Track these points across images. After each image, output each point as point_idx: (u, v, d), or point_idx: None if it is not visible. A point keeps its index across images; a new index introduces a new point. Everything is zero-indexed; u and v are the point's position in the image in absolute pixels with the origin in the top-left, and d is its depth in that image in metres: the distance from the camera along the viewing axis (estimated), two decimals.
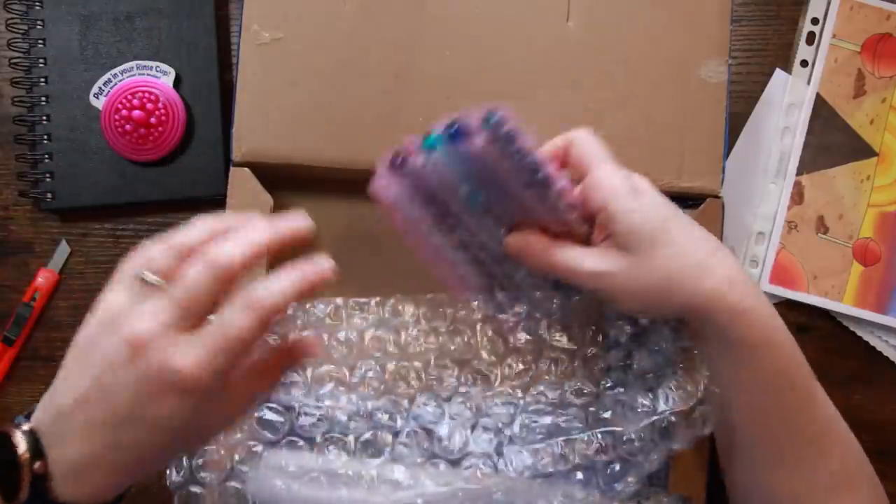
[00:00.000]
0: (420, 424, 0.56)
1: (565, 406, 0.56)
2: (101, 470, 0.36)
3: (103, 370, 0.36)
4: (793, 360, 0.43)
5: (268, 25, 0.54)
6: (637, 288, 0.41)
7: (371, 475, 0.54)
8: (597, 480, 0.55)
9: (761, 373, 0.42)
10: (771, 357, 0.42)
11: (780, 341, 0.43)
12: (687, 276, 0.41)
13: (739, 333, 0.42)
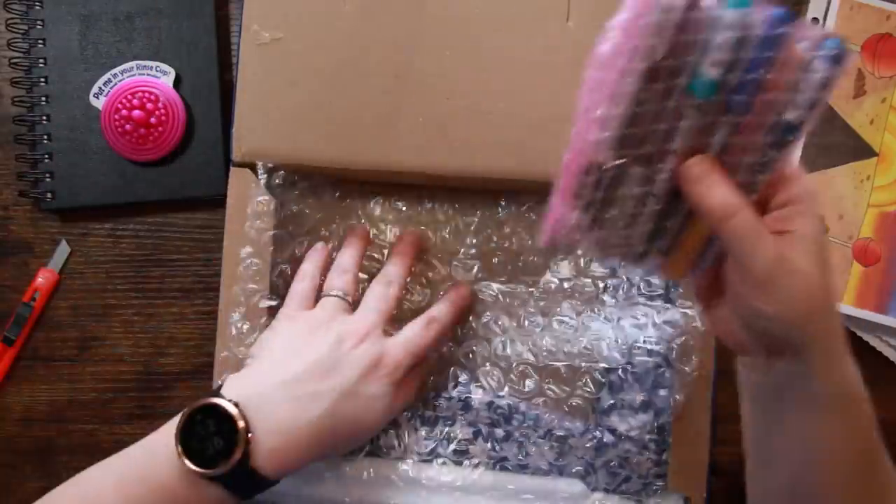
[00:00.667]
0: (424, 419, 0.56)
1: (566, 405, 0.56)
2: (302, 438, 0.44)
3: (329, 353, 0.47)
4: (874, 419, 0.41)
5: (268, 25, 0.54)
6: (793, 307, 0.37)
7: (374, 473, 0.54)
8: (597, 479, 0.55)
9: (857, 425, 0.40)
10: (865, 408, 0.40)
11: (866, 397, 0.40)
12: (832, 302, 0.39)
13: (840, 380, 0.39)
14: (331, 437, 0.46)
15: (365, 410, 0.47)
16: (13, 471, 0.60)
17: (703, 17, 0.34)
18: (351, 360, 0.47)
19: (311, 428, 0.45)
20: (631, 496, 0.55)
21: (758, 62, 0.35)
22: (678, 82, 0.35)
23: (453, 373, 0.56)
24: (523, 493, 0.54)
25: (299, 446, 0.44)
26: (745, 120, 0.36)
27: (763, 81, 0.35)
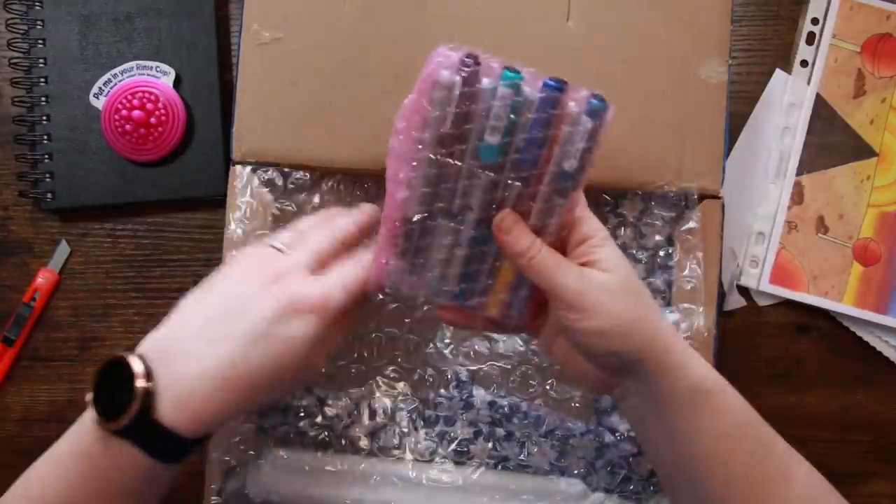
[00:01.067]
0: (424, 417, 0.56)
1: (568, 405, 0.56)
2: (213, 388, 0.41)
3: (241, 295, 0.43)
4: (743, 401, 0.43)
5: (268, 25, 0.54)
6: (609, 312, 0.41)
7: (375, 473, 0.55)
8: (597, 479, 0.55)
9: (721, 415, 0.42)
10: (727, 398, 0.43)
11: (728, 385, 0.43)
12: (654, 317, 0.43)
13: (696, 376, 0.42)
14: (247, 382, 0.41)
15: (283, 352, 0.42)
16: (13, 471, 0.59)
17: (479, 91, 0.40)
18: (265, 298, 0.42)
19: (220, 374, 0.41)
20: (631, 496, 0.55)
21: (536, 123, 0.40)
22: (466, 147, 0.41)
23: (454, 372, 0.56)
24: (524, 493, 0.54)
25: (210, 394, 0.41)
26: (531, 174, 0.41)
27: (542, 139, 0.41)
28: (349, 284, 0.44)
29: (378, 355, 0.56)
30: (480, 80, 0.40)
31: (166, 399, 0.40)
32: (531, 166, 0.41)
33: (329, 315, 0.43)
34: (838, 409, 0.59)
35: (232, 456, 0.54)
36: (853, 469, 0.59)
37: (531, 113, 0.40)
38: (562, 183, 0.42)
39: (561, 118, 0.41)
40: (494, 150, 0.41)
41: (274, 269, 0.44)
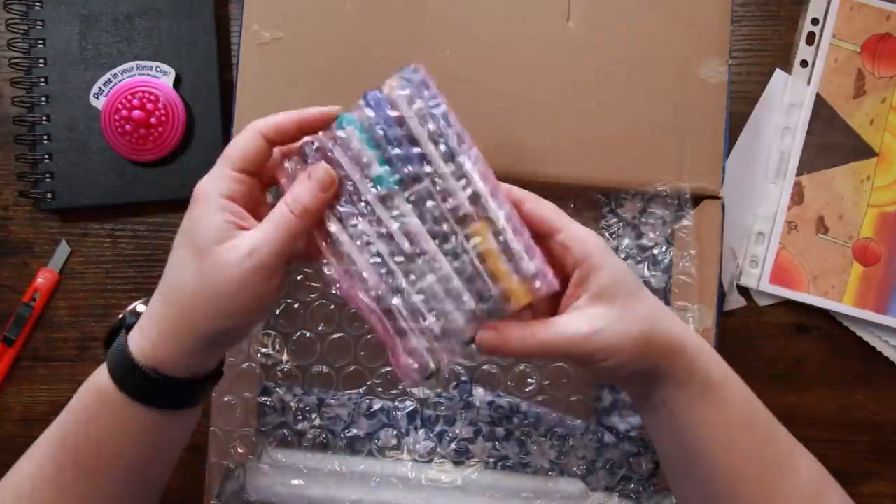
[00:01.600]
0: (423, 419, 0.56)
1: (567, 404, 0.56)
2: (159, 310, 0.41)
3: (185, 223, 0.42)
4: (749, 392, 0.44)
5: (268, 25, 0.54)
6: (624, 340, 0.41)
7: (374, 474, 0.54)
8: (597, 479, 0.55)
9: (727, 408, 0.43)
10: (733, 390, 0.43)
11: (735, 376, 0.44)
12: (663, 317, 0.43)
13: (706, 370, 0.43)
14: (179, 298, 0.41)
15: (201, 255, 0.40)
16: None
17: (336, 140, 0.42)
18: (192, 220, 0.41)
19: (161, 296, 0.41)
20: (631, 495, 0.55)
21: (390, 131, 0.41)
22: (365, 190, 0.41)
23: (454, 372, 0.56)
24: (524, 493, 0.54)
25: (157, 320, 0.41)
26: (435, 177, 0.41)
27: (407, 137, 0.41)
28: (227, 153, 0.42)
29: (374, 356, 0.56)
30: (325, 145, 0.42)
31: (137, 333, 0.42)
32: (420, 162, 0.41)
33: (204, 196, 0.41)
34: (838, 409, 0.59)
35: (230, 459, 0.54)
36: (853, 469, 0.59)
37: (386, 127, 0.41)
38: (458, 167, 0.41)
39: (409, 115, 0.41)
40: (384, 177, 0.41)
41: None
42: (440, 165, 0.41)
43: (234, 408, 0.55)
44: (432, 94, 0.42)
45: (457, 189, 0.41)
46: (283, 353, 0.56)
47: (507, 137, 0.54)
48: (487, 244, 0.41)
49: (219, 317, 0.40)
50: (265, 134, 0.42)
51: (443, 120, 0.41)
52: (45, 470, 0.43)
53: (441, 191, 0.41)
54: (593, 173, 0.54)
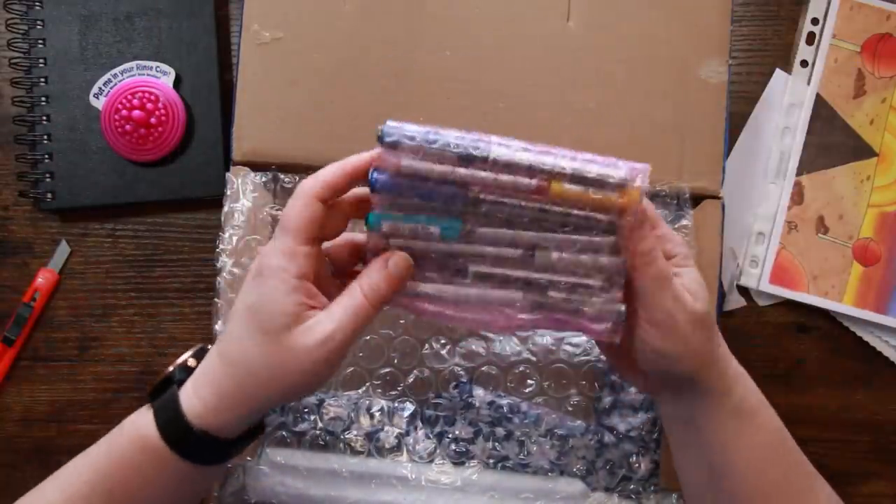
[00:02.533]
0: (423, 418, 0.56)
1: (567, 404, 0.56)
2: (218, 374, 0.41)
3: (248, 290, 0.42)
4: (780, 422, 0.46)
5: (268, 25, 0.54)
6: (684, 345, 0.43)
7: (374, 474, 0.54)
8: (597, 479, 0.55)
9: (760, 434, 0.45)
10: (766, 417, 0.45)
11: (768, 405, 0.45)
12: (715, 342, 0.44)
13: (742, 394, 0.45)
14: (258, 384, 0.40)
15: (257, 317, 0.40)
16: (13, 471, 0.60)
17: (383, 237, 0.41)
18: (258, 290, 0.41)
19: (224, 366, 0.41)
20: (631, 495, 0.55)
21: (416, 193, 0.40)
22: (441, 249, 0.41)
23: (453, 372, 0.56)
24: (524, 493, 0.54)
25: (217, 387, 0.41)
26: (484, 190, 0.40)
27: (435, 181, 0.40)
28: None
29: (373, 357, 0.56)
30: (379, 247, 0.41)
31: (191, 389, 0.41)
32: (464, 190, 0.40)
33: (275, 271, 0.40)
34: (838, 409, 0.59)
35: (230, 462, 0.54)
36: (853, 469, 0.59)
37: (402, 199, 0.40)
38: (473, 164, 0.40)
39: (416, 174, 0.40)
40: (446, 228, 0.41)
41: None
42: (480, 175, 0.40)
43: None
44: (417, 132, 0.40)
45: (509, 182, 0.40)
46: None
47: None
48: (571, 193, 0.40)
49: (285, 394, 0.41)
50: (321, 197, 0.40)
51: (447, 140, 0.40)
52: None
53: (502, 190, 0.40)
54: None
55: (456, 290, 0.41)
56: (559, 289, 0.41)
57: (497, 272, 0.41)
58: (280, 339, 0.39)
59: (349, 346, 0.40)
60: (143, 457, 0.42)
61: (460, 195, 0.40)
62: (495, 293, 0.41)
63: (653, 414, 0.55)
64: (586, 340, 0.56)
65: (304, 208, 0.40)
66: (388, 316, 0.56)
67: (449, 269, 0.41)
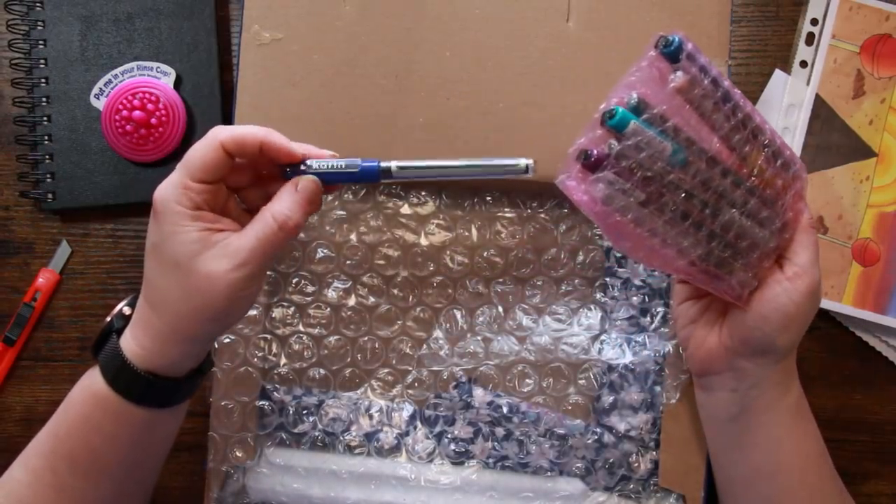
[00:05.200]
0: (422, 419, 0.56)
1: (566, 404, 0.56)
2: (144, 306, 0.42)
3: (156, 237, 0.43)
4: (818, 431, 0.49)
5: (268, 25, 0.55)
6: (787, 331, 0.44)
7: (373, 475, 0.55)
8: (597, 478, 0.55)
9: (809, 439, 0.47)
10: (814, 425, 0.48)
11: (811, 413, 0.49)
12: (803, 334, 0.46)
13: (798, 395, 0.47)
14: (183, 317, 0.41)
15: (160, 256, 0.41)
16: None
17: (617, 157, 0.39)
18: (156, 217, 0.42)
19: (150, 307, 0.42)
20: (630, 495, 0.55)
21: (674, 117, 0.40)
22: (663, 176, 0.40)
23: (452, 373, 0.56)
24: (523, 493, 0.54)
25: (149, 328, 0.42)
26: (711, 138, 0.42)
27: (691, 119, 0.41)
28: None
29: (371, 358, 0.56)
30: (603, 156, 0.40)
31: (127, 339, 0.42)
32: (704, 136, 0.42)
33: (160, 207, 0.42)
34: (837, 409, 0.59)
35: (229, 464, 0.54)
36: (853, 469, 0.59)
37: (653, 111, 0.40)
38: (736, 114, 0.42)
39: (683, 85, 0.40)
40: (679, 157, 0.40)
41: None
42: (722, 122, 0.42)
43: (232, 412, 0.55)
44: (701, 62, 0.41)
45: (736, 137, 0.42)
46: (279, 356, 0.56)
47: (507, 137, 0.54)
48: (765, 168, 0.43)
49: (210, 322, 0.41)
50: (226, 147, 0.41)
51: (714, 72, 0.41)
52: (44, 477, 0.43)
53: (723, 143, 0.42)
54: None
55: (661, 220, 0.41)
56: (730, 248, 0.43)
57: (695, 216, 0.42)
58: (190, 267, 0.40)
59: (263, 266, 0.41)
60: (98, 413, 0.42)
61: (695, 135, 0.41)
62: (683, 237, 0.42)
63: (652, 414, 0.55)
64: (585, 340, 0.56)
65: (206, 151, 0.41)
66: (387, 317, 0.56)
67: (661, 198, 0.41)
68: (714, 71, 0.41)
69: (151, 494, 0.49)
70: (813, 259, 0.44)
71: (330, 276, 0.56)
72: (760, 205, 0.43)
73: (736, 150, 0.42)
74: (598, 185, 0.39)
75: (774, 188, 0.44)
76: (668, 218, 0.41)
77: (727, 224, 0.42)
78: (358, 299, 0.56)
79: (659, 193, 0.40)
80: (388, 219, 0.56)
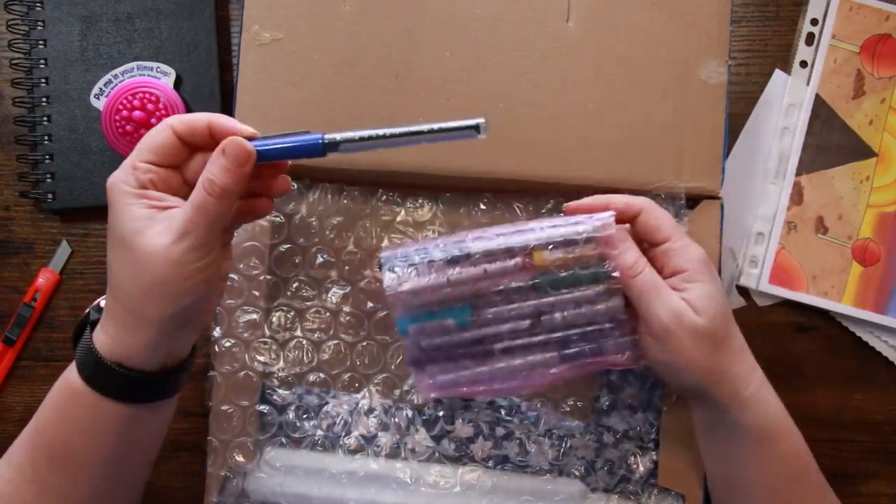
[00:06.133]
0: (422, 419, 0.56)
1: (566, 404, 0.56)
2: (111, 300, 0.42)
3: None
4: (804, 451, 0.46)
5: (268, 25, 0.55)
6: (685, 359, 0.44)
7: (373, 475, 0.55)
8: (596, 479, 0.55)
9: (777, 462, 0.45)
10: (786, 446, 0.46)
11: (793, 431, 0.46)
12: (737, 347, 0.46)
13: (764, 418, 0.45)
14: (136, 297, 0.41)
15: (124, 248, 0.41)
16: None
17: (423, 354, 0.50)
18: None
19: (111, 292, 0.42)
20: (630, 495, 0.55)
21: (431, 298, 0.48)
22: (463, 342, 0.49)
23: None
24: (523, 494, 0.54)
25: (112, 315, 0.41)
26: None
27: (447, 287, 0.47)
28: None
29: (370, 363, 0.56)
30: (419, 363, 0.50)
31: (98, 330, 0.42)
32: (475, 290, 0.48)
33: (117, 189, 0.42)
34: (838, 409, 0.59)
35: (228, 468, 0.54)
36: (853, 469, 0.59)
37: (420, 305, 0.49)
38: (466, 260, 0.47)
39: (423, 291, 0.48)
40: (460, 315, 0.48)
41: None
42: (470, 272, 0.47)
43: (231, 417, 0.55)
44: (407, 252, 0.48)
45: (496, 269, 0.46)
46: (279, 360, 0.56)
47: (507, 137, 0.54)
48: (552, 259, 0.46)
49: (165, 301, 0.40)
50: (176, 129, 0.42)
51: (433, 252, 0.47)
52: (25, 472, 0.42)
53: (495, 277, 0.47)
54: (593, 173, 0.54)
55: (490, 368, 0.48)
56: (576, 341, 0.47)
57: (517, 343, 0.47)
58: (135, 244, 0.40)
59: (206, 237, 0.40)
60: (74, 406, 0.42)
61: (463, 292, 0.47)
62: (524, 360, 0.47)
63: (651, 414, 0.55)
64: None
65: (156, 133, 0.42)
66: (383, 322, 0.56)
67: (478, 354, 0.48)
68: (429, 254, 0.47)
69: (140, 499, 0.48)
70: (650, 303, 0.45)
71: (328, 282, 0.56)
72: (570, 292, 0.46)
73: (514, 271, 0.46)
74: (434, 378, 0.49)
75: (578, 262, 0.46)
76: (498, 358, 0.48)
77: (550, 328, 0.47)
78: (356, 304, 0.56)
79: (472, 351, 0.48)
80: (385, 225, 0.56)
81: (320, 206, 0.56)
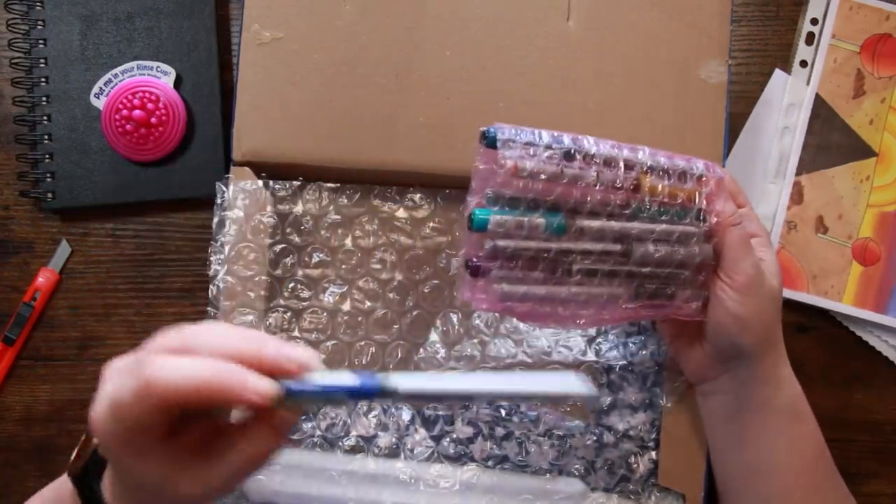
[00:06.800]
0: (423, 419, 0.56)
1: (565, 405, 0.56)
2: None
3: None
4: (820, 434, 0.48)
5: (268, 25, 0.55)
6: (756, 314, 0.45)
7: (373, 475, 0.54)
8: (596, 478, 0.55)
9: (804, 440, 0.47)
10: (812, 427, 0.48)
11: (811, 414, 0.48)
12: (779, 329, 0.47)
13: (791, 396, 0.47)
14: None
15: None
16: (14, 470, 0.60)
17: (496, 254, 0.41)
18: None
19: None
20: (630, 495, 0.55)
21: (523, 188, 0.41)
22: (549, 248, 0.41)
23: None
24: (523, 493, 0.54)
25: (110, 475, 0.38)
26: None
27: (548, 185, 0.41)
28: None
29: (368, 363, 0.56)
30: (484, 258, 0.41)
31: (107, 488, 0.38)
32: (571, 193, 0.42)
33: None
34: (838, 409, 0.59)
35: None
36: (853, 469, 0.59)
37: (511, 191, 0.41)
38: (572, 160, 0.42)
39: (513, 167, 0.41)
40: (552, 221, 0.41)
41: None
42: (584, 172, 0.42)
43: None
44: (520, 132, 0.41)
45: (609, 177, 0.42)
46: None
47: None
48: (660, 188, 0.43)
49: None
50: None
51: (546, 139, 0.42)
52: None
53: (602, 189, 0.42)
54: None
55: (568, 290, 0.42)
56: (657, 279, 0.44)
57: (600, 268, 0.43)
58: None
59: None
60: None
61: (566, 194, 0.42)
62: (601, 290, 0.43)
63: (651, 413, 0.55)
64: (582, 341, 0.56)
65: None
66: (383, 321, 0.56)
67: (557, 270, 0.42)
68: (545, 139, 0.41)
69: None
70: (742, 255, 0.44)
71: (326, 281, 0.56)
72: (669, 226, 0.44)
73: (622, 188, 0.42)
74: (492, 287, 0.40)
75: (678, 202, 0.44)
76: (577, 280, 0.42)
77: (640, 260, 0.43)
78: (354, 304, 0.56)
79: (553, 265, 0.41)
80: (383, 223, 0.56)
81: (316, 204, 0.56)
